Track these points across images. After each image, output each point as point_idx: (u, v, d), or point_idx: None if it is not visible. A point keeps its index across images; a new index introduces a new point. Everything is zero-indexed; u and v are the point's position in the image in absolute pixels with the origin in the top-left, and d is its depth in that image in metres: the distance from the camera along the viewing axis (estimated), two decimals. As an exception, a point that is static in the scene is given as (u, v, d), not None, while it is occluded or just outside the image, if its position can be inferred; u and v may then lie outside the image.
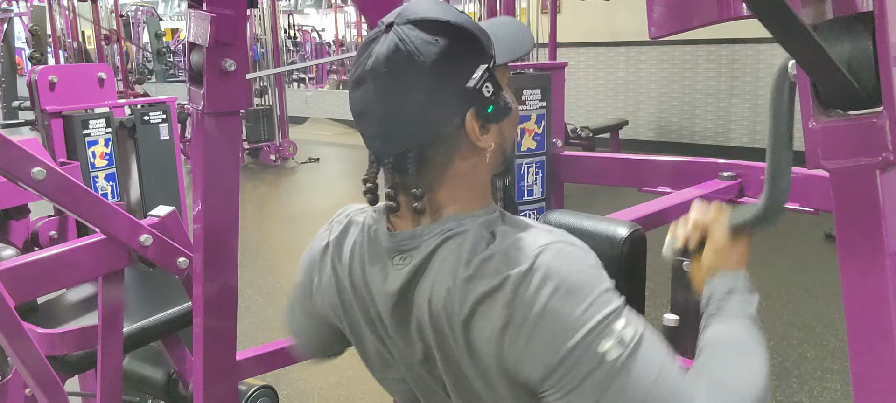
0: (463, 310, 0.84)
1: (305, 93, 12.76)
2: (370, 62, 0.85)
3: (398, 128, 0.87)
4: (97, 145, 3.10)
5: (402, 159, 0.88)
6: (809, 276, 4.14)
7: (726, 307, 0.97)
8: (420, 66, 0.83)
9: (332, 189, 7.72)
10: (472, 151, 0.90)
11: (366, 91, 0.86)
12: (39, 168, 1.31)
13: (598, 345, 0.79)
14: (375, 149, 0.92)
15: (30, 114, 3.41)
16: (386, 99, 0.86)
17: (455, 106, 0.86)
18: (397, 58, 0.84)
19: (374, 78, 0.85)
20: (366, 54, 0.87)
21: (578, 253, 0.84)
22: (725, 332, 0.93)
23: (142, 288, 1.98)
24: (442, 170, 0.89)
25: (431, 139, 0.87)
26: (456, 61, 0.85)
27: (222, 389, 1.29)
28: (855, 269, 0.76)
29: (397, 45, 0.84)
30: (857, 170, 0.73)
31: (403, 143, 0.87)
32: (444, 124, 0.87)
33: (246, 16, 1.10)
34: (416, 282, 0.89)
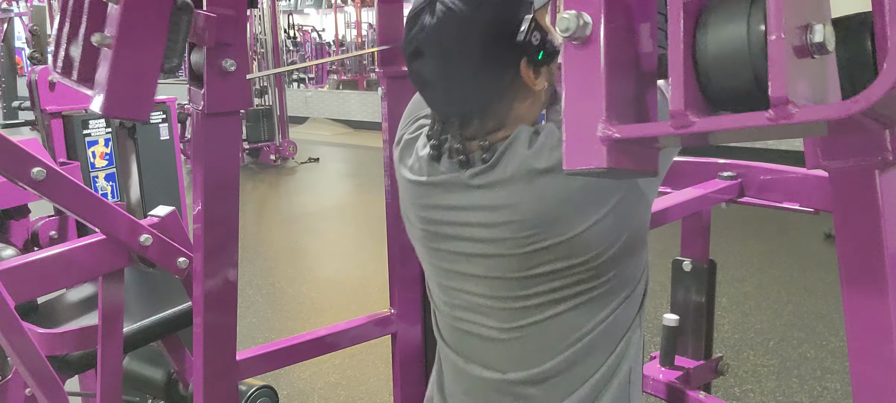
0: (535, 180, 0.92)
1: (305, 93, 12.76)
2: (422, 35, 0.92)
3: (460, 92, 0.94)
4: (97, 145, 3.10)
5: (467, 117, 0.96)
6: (809, 276, 4.14)
7: None
8: (470, 31, 0.90)
9: (332, 189, 7.72)
10: (528, 94, 0.97)
11: (424, 62, 0.93)
12: (39, 168, 1.31)
13: None
14: (441, 112, 0.99)
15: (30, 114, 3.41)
16: (444, 67, 0.92)
17: (509, 60, 0.93)
18: (448, 28, 0.90)
19: (429, 49, 0.92)
20: (417, 28, 0.93)
21: None
22: None
23: (142, 288, 1.98)
24: (503, 117, 0.97)
25: (492, 95, 0.94)
26: (502, 19, 0.91)
27: (222, 389, 1.29)
28: (855, 269, 0.76)
29: (446, 14, 0.90)
30: (856, 170, 0.73)
31: (468, 104, 0.95)
32: (502, 79, 0.94)
33: (246, 16, 1.10)
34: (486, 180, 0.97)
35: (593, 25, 0.65)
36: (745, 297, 3.97)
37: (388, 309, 1.56)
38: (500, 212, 0.97)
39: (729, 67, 0.63)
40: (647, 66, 0.72)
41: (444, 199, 1.02)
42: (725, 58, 0.63)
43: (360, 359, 3.37)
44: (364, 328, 1.53)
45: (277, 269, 4.92)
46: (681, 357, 1.71)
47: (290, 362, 1.52)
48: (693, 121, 0.61)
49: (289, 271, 4.91)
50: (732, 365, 3.06)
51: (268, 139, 8.60)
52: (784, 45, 0.55)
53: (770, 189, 1.69)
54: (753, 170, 1.77)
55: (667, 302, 1.80)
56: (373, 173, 7.75)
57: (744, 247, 4.65)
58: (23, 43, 12.62)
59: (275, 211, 6.96)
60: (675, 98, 0.61)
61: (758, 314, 3.76)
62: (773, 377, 3.16)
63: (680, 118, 0.61)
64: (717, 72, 0.64)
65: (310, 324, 3.97)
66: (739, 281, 4.17)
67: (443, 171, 1.02)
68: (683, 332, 1.72)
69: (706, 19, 0.65)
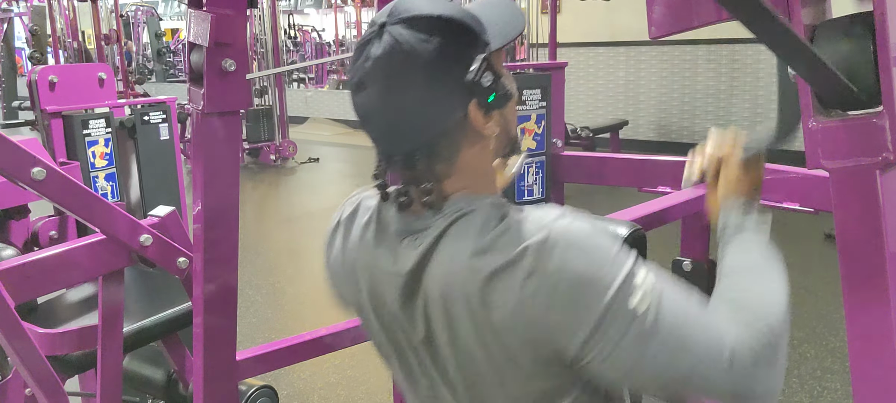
0: (477, 286, 0.84)
1: (305, 93, 12.76)
2: (368, 65, 0.86)
3: (403, 129, 0.88)
4: (97, 145, 3.10)
5: (410, 157, 0.89)
6: (809, 276, 4.13)
7: (742, 232, 1.00)
8: (417, 65, 0.84)
9: (332, 189, 7.72)
10: (478, 139, 0.91)
11: (367, 95, 0.87)
12: (39, 168, 1.31)
13: (628, 302, 0.80)
14: (383, 150, 0.93)
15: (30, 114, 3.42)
16: (387, 101, 0.86)
17: (457, 100, 0.87)
18: (393, 60, 0.84)
19: (373, 82, 0.86)
20: (362, 58, 0.87)
21: (586, 223, 0.86)
22: (743, 258, 0.96)
23: (142, 288, 1.98)
24: (450, 162, 0.90)
25: (437, 135, 0.88)
26: (452, 56, 0.86)
27: (222, 389, 1.29)
28: (855, 269, 0.76)
29: (392, 46, 0.84)
30: (857, 170, 0.73)
31: (410, 142, 0.88)
32: (448, 119, 0.88)
33: (246, 16, 1.10)
34: (427, 262, 0.90)
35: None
36: (745, 297, 3.96)
37: (388, 309, 1.56)
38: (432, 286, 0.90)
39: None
40: None
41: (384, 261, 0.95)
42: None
43: (360, 359, 3.37)
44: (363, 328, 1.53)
45: (277, 269, 4.92)
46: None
47: (290, 362, 1.52)
48: None
49: (289, 271, 4.91)
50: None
51: (268, 139, 8.60)
52: None
53: (770, 189, 1.69)
54: (753, 170, 1.77)
55: (667, 302, 1.80)
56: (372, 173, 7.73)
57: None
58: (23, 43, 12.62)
59: (275, 211, 6.96)
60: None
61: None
62: (773, 377, 3.16)
63: None
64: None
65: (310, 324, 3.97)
66: (739, 281, 4.16)
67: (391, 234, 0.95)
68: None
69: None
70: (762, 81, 7.35)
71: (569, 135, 6.39)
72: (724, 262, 0.97)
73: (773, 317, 0.85)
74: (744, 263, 0.95)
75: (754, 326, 0.84)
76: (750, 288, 0.91)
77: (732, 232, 1.01)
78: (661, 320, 0.81)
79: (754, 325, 0.84)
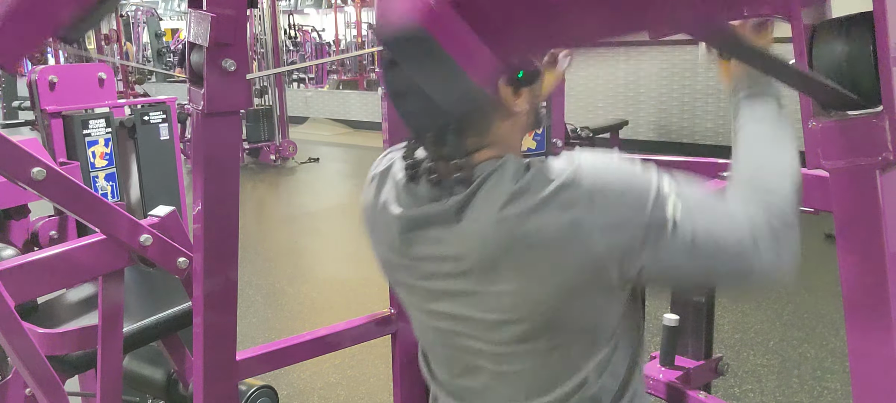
0: (517, 228, 0.88)
1: (305, 93, 12.76)
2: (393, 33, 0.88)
3: (436, 105, 0.90)
4: (97, 145, 3.10)
5: (442, 132, 0.93)
6: (809, 276, 4.13)
7: (754, 99, 1.02)
8: None
9: (332, 189, 7.72)
10: (507, 115, 0.95)
11: (400, 71, 0.90)
12: (39, 168, 1.31)
13: (665, 211, 0.87)
14: (415, 126, 0.96)
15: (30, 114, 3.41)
16: (421, 77, 0.89)
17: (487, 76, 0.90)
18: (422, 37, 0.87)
19: (406, 58, 0.88)
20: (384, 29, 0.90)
21: (604, 156, 0.92)
22: (756, 128, 1.00)
23: (142, 288, 1.98)
24: (480, 138, 0.94)
25: (468, 111, 0.91)
26: None
27: (222, 389, 1.29)
28: (855, 269, 0.76)
29: None
30: (857, 170, 0.73)
31: (442, 118, 0.92)
32: (479, 95, 0.90)
33: (246, 16, 1.10)
34: (463, 212, 0.93)
35: None
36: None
37: (388, 309, 1.56)
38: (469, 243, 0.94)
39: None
40: None
41: (426, 233, 0.99)
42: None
43: (360, 359, 3.37)
44: (364, 328, 1.53)
45: (277, 269, 4.92)
46: (681, 358, 1.71)
47: (290, 362, 1.51)
48: None
49: (289, 271, 4.91)
50: (732, 365, 3.06)
51: (268, 139, 8.60)
52: None
53: (770, 189, 1.69)
54: (753, 170, 1.77)
55: (667, 302, 1.80)
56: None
57: None
58: (23, 43, 12.59)
59: (275, 211, 6.95)
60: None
61: (758, 314, 3.75)
62: (773, 377, 3.16)
63: None
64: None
65: (310, 324, 3.97)
66: (739, 281, 4.16)
67: (423, 198, 0.99)
68: (683, 332, 1.72)
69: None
70: (762, 81, 7.35)
71: (569, 135, 6.39)
72: (738, 133, 1.01)
73: (787, 188, 0.92)
74: (756, 134, 0.99)
75: (772, 203, 0.90)
76: (763, 162, 0.96)
77: (745, 98, 1.03)
78: (697, 223, 0.87)
79: (772, 202, 0.90)
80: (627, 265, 0.89)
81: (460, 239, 0.94)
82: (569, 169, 0.89)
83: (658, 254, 0.87)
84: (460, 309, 0.99)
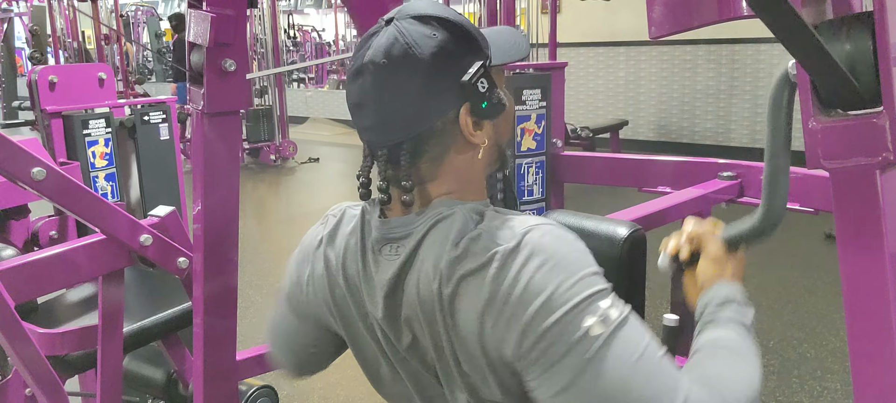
0: (448, 290, 0.84)
1: (305, 93, 12.76)
2: (368, 54, 0.87)
3: (393, 119, 0.88)
4: (97, 145, 3.10)
5: (395, 151, 0.89)
6: (809, 276, 4.13)
7: (721, 315, 0.97)
8: (417, 57, 0.85)
9: (332, 189, 7.73)
10: (466, 146, 0.91)
11: (363, 82, 0.88)
12: (39, 168, 1.31)
13: (581, 321, 0.77)
14: (370, 141, 0.93)
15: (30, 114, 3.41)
16: (383, 89, 0.87)
17: (450, 99, 0.88)
18: (396, 49, 0.86)
19: (372, 69, 0.87)
20: (365, 47, 0.89)
21: (567, 236, 0.84)
22: (719, 337, 0.93)
23: (142, 288, 1.98)
24: (435, 164, 0.90)
25: (425, 131, 0.88)
26: (452, 56, 0.87)
27: (222, 389, 1.29)
28: (855, 269, 0.76)
29: (397, 37, 0.86)
30: (857, 170, 0.73)
31: (398, 134, 0.89)
32: (438, 116, 0.88)
33: (246, 16, 1.10)
34: (407, 270, 0.89)
35: None
36: (745, 297, 3.96)
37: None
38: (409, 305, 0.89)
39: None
40: None
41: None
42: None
43: (360, 359, 3.37)
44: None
45: (277, 269, 4.91)
46: (681, 358, 1.71)
47: (290, 362, 1.51)
48: None
49: (289, 271, 4.91)
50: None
51: (268, 139, 8.59)
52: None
53: (770, 189, 1.69)
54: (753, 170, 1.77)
55: (667, 302, 1.80)
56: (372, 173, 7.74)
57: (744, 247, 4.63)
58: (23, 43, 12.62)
59: (275, 211, 6.96)
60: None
61: (758, 314, 3.71)
62: (773, 377, 3.16)
63: None
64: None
65: (310, 324, 3.97)
66: (739, 281, 4.16)
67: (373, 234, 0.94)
68: (683, 332, 1.72)
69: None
70: (762, 81, 7.35)
71: (569, 135, 6.39)
72: (699, 340, 0.93)
73: (739, 397, 0.83)
74: (719, 342, 0.92)
75: (719, 395, 0.80)
76: (721, 364, 0.88)
77: (711, 314, 0.97)
78: (611, 350, 0.77)
79: (719, 395, 0.80)
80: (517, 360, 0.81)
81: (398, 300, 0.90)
82: (511, 242, 0.81)
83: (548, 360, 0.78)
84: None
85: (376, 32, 0.89)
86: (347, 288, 0.97)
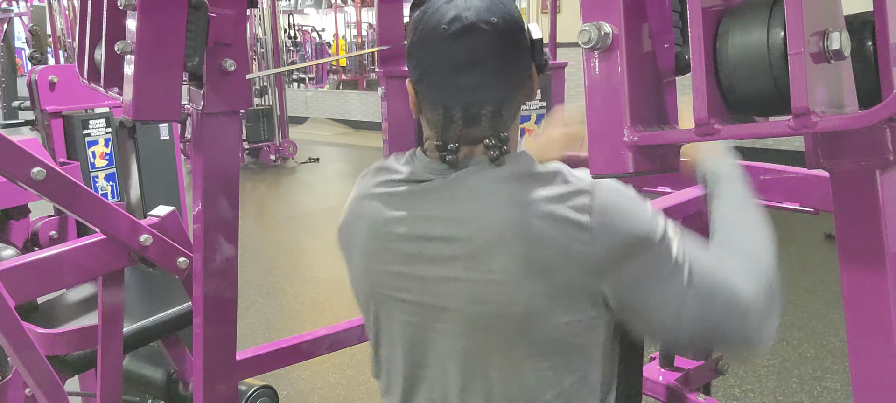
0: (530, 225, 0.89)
1: (305, 93, 12.76)
2: (469, 15, 0.90)
3: (508, 76, 0.94)
4: (97, 145, 3.10)
5: (486, 111, 0.94)
6: (809, 276, 4.13)
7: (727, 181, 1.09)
8: (514, 17, 0.93)
9: (332, 189, 7.72)
10: (523, 101, 0.99)
11: (475, 40, 0.90)
12: (39, 168, 1.31)
13: (671, 250, 0.90)
14: (475, 100, 0.94)
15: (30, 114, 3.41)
16: (497, 47, 0.91)
17: (528, 57, 0.96)
18: (497, 9, 0.91)
19: (485, 27, 0.90)
20: (448, 7, 0.91)
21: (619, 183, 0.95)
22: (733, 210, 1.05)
23: (142, 288, 1.98)
24: (510, 120, 0.97)
25: (516, 89, 0.96)
26: (521, 22, 0.95)
27: (222, 389, 1.29)
28: (855, 269, 0.76)
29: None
30: (857, 170, 0.73)
31: (509, 91, 0.94)
32: (527, 73, 0.96)
33: (246, 16, 1.10)
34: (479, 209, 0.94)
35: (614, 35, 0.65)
36: (745, 297, 3.96)
37: (388, 309, 1.56)
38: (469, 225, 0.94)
39: (749, 75, 0.64)
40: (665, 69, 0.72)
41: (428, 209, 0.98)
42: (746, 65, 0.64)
43: (360, 359, 3.37)
44: (364, 328, 1.53)
45: (277, 269, 4.91)
46: (680, 358, 1.71)
47: (290, 362, 1.52)
48: (717, 129, 0.62)
49: (289, 271, 4.91)
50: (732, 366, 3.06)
51: (268, 139, 8.60)
52: (804, 57, 0.56)
53: (770, 189, 1.69)
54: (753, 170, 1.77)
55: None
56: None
57: None
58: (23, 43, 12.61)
59: (275, 211, 6.95)
60: (699, 106, 0.62)
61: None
62: (773, 377, 3.16)
63: (705, 126, 0.62)
64: (737, 80, 0.64)
65: (310, 324, 3.97)
66: (739, 281, 4.16)
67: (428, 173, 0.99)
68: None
69: (726, 28, 0.66)
70: (762, 81, 7.34)
71: (569, 135, 6.37)
72: (716, 212, 1.06)
73: (771, 270, 0.95)
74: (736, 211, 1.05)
75: (761, 281, 0.93)
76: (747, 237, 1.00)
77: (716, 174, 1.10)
78: (694, 271, 0.90)
79: (760, 280, 0.93)
80: (623, 290, 0.90)
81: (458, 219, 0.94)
82: (589, 183, 0.91)
83: (654, 288, 0.89)
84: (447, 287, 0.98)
85: None
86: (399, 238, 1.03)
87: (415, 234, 0.98)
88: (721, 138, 0.64)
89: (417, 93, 0.98)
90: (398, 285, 1.02)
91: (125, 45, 0.96)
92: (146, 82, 0.97)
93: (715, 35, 0.66)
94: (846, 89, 0.65)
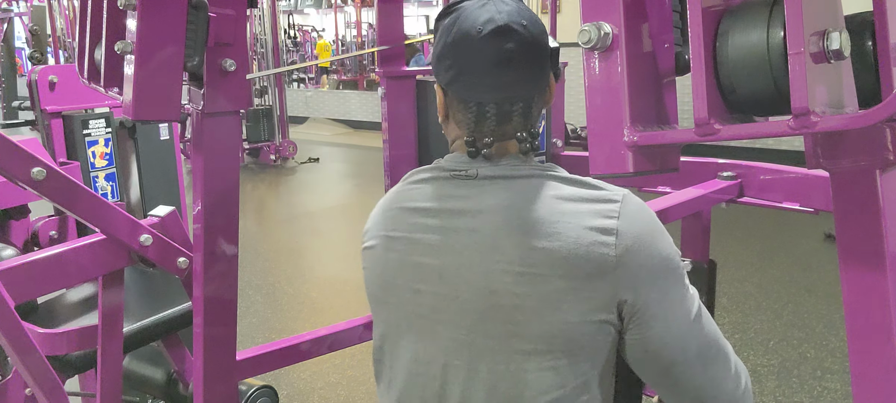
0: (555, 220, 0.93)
1: (305, 93, 12.76)
2: (503, 17, 0.95)
3: (538, 75, 0.99)
4: (97, 145, 3.10)
5: (517, 107, 0.99)
6: (809, 276, 4.13)
7: None
8: (539, 22, 0.99)
9: (332, 189, 7.72)
10: (543, 105, 1.04)
11: (512, 40, 0.95)
12: (39, 168, 1.31)
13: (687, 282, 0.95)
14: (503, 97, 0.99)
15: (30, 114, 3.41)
16: (530, 48, 0.96)
17: (550, 62, 1.01)
18: (526, 13, 0.97)
19: (519, 29, 0.95)
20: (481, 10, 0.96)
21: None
22: None
23: (142, 288, 1.98)
24: (536, 119, 1.02)
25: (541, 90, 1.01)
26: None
27: (222, 389, 1.29)
28: (855, 269, 0.76)
29: (517, 4, 0.98)
30: (857, 170, 0.73)
31: (536, 89, 0.99)
32: (548, 78, 1.02)
33: (246, 16, 1.10)
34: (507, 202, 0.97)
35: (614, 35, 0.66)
36: (745, 297, 3.97)
37: (388, 309, 1.56)
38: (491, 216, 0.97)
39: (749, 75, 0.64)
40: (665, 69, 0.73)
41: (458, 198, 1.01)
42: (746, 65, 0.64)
43: (360, 359, 3.37)
44: (364, 328, 1.53)
45: (277, 269, 4.92)
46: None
47: (290, 362, 1.51)
48: (717, 129, 0.62)
49: (289, 271, 4.91)
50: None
51: (268, 139, 8.60)
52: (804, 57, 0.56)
53: (770, 189, 1.69)
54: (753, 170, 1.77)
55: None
56: (373, 173, 7.76)
57: (744, 247, 4.65)
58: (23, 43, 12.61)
59: (275, 211, 6.96)
60: (698, 106, 0.62)
61: (758, 314, 3.75)
62: (773, 377, 3.16)
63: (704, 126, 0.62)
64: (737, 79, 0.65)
65: (310, 324, 3.97)
66: (739, 281, 4.17)
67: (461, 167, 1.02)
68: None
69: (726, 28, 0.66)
70: (762, 81, 7.34)
71: (569, 135, 6.39)
72: None
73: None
74: None
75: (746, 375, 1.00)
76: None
77: None
78: (703, 313, 0.95)
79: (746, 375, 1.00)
80: (637, 299, 0.92)
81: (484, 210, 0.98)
82: (619, 193, 0.94)
83: (666, 306, 0.92)
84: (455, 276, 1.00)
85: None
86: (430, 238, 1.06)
87: (441, 225, 1.01)
88: (721, 138, 0.64)
89: (447, 96, 1.02)
90: (417, 275, 1.04)
91: (125, 44, 0.96)
92: (146, 82, 0.97)
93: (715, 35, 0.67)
94: (846, 89, 0.65)
